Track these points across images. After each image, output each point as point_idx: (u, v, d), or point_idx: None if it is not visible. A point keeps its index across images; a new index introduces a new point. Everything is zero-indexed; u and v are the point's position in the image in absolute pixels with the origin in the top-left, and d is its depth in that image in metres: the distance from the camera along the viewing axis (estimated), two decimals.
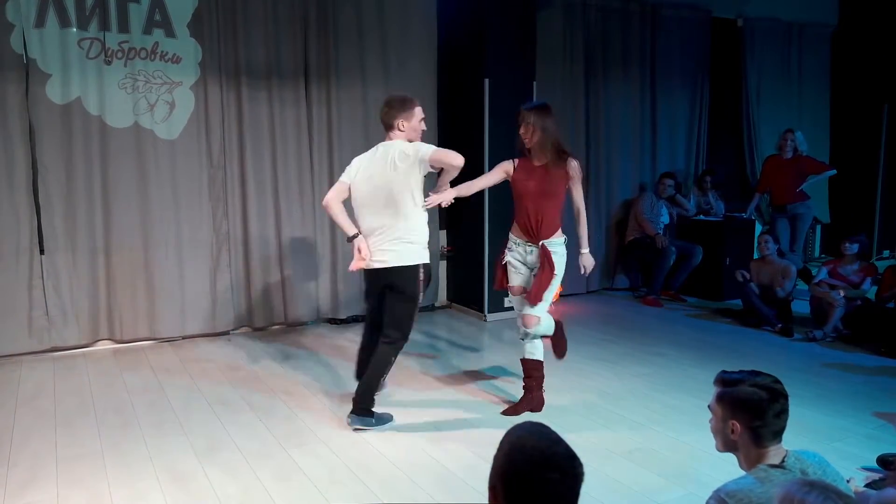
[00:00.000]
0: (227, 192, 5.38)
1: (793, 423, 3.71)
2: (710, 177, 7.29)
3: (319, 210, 5.70)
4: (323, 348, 5.18)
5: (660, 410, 3.93)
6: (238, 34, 5.23)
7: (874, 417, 3.77)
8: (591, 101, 6.85)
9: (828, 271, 5.62)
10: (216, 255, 5.39)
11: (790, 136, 6.84)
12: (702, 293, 6.79)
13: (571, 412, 3.94)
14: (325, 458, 3.34)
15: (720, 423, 1.92)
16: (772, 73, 7.90)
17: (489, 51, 5.74)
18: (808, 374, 4.58)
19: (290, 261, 5.62)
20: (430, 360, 4.88)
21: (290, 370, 4.66)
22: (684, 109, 7.49)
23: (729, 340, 5.41)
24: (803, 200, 6.91)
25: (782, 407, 1.87)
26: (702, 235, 6.83)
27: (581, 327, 5.63)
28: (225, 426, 3.71)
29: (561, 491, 1.34)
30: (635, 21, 7.03)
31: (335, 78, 5.59)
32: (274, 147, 5.47)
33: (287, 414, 3.90)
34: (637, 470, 3.23)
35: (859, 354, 5.02)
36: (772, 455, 1.84)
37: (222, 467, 3.23)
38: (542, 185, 3.70)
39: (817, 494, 1.31)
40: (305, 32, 5.47)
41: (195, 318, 5.34)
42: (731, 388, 1.89)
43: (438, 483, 3.10)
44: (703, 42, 7.48)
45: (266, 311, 5.60)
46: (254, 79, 5.33)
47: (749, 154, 7.93)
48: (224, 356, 4.98)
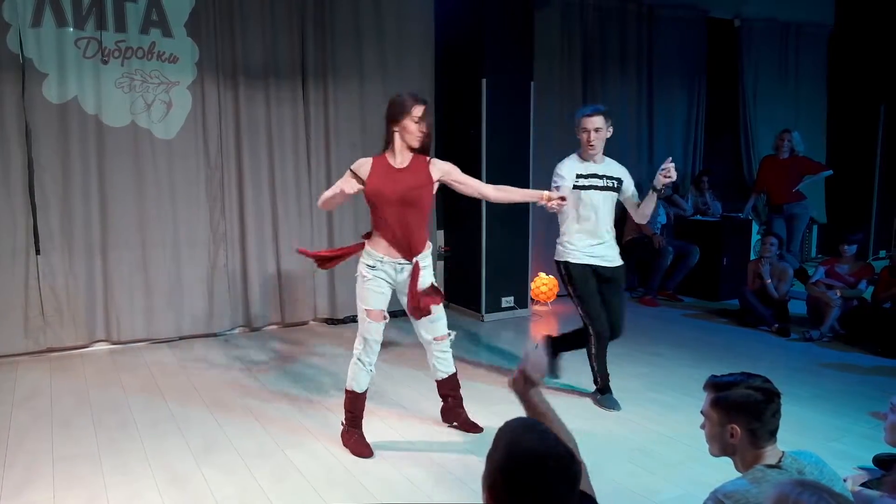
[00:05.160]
0: (225, 191, 5.38)
1: (790, 423, 3.72)
2: (707, 177, 7.30)
3: (317, 209, 5.70)
4: (320, 348, 5.17)
5: (657, 410, 3.93)
6: (235, 33, 5.23)
7: (871, 417, 3.77)
8: (589, 100, 6.83)
9: (825, 271, 5.63)
10: (213, 256, 5.38)
11: (787, 136, 6.85)
12: (699, 293, 6.79)
13: (569, 412, 3.93)
14: (323, 459, 3.34)
15: (717, 427, 1.91)
16: (768, 73, 7.91)
17: (487, 50, 5.74)
18: (805, 374, 4.59)
19: (288, 261, 5.61)
20: (427, 360, 4.87)
21: (287, 370, 4.65)
22: (681, 109, 7.50)
23: (726, 340, 5.42)
24: (800, 200, 6.92)
25: (777, 406, 1.88)
26: (699, 235, 6.84)
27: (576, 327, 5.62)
28: (222, 427, 3.71)
29: (560, 492, 1.33)
30: (632, 21, 7.04)
31: (332, 77, 5.59)
32: (271, 146, 5.46)
33: (283, 414, 3.90)
34: (635, 470, 3.24)
35: (856, 354, 5.03)
36: (768, 455, 1.85)
37: (219, 468, 3.23)
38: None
39: (811, 495, 1.31)
40: (302, 31, 5.46)
41: (192, 318, 5.33)
42: (726, 391, 1.89)
43: (436, 483, 3.10)
44: (699, 42, 7.48)
45: (263, 312, 5.59)
46: (251, 78, 5.32)
47: (746, 154, 7.94)
48: (221, 356, 4.97)
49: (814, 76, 8.29)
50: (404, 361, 4.82)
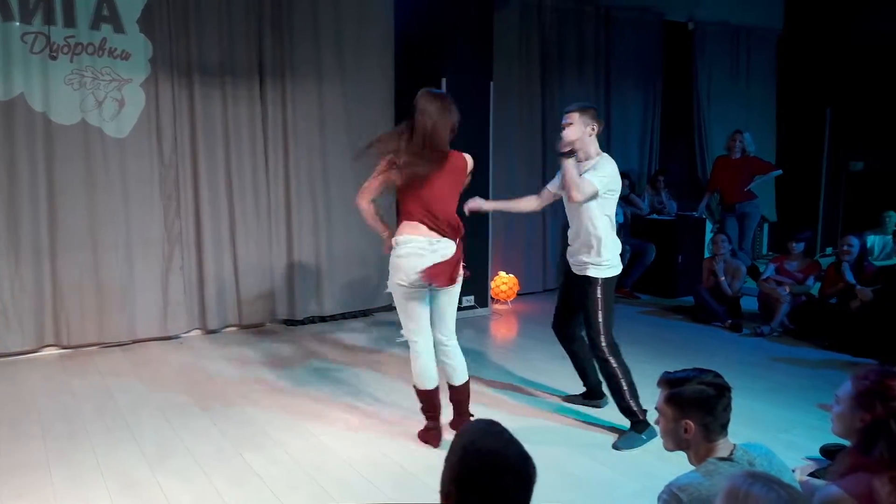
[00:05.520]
0: (180, 191, 5.27)
1: (742, 416, 3.81)
2: (663, 176, 7.44)
3: (275, 209, 5.63)
4: (279, 350, 5.11)
5: (614, 406, 3.98)
6: (190, 30, 5.12)
7: (819, 409, 3.90)
8: (548, 101, 6.92)
9: (775, 268, 5.80)
10: (168, 256, 5.26)
11: (738, 136, 7.03)
12: (655, 290, 6.92)
13: (527, 410, 3.97)
14: (282, 462, 3.30)
15: (671, 423, 1.95)
16: (721, 75, 8.10)
17: (446, 50, 5.75)
18: (757, 368, 4.72)
19: (245, 261, 5.53)
20: (387, 361, 4.86)
21: (244, 373, 4.58)
22: (637, 110, 7.63)
23: (681, 337, 5.54)
24: (751, 199, 7.11)
25: (728, 400, 1.93)
26: (655, 234, 6.97)
27: (538, 326, 5.67)
28: (178, 432, 3.63)
29: (515, 494, 1.35)
30: (590, 23, 7.13)
31: (290, 76, 5.52)
32: (228, 146, 5.37)
33: (242, 417, 3.84)
34: (592, 465, 3.28)
35: (805, 349, 5.19)
36: (721, 448, 1.89)
37: (175, 474, 3.16)
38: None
39: (761, 486, 1.35)
40: (260, 29, 5.38)
41: (146, 320, 5.21)
42: (679, 388, 1.93)
43: (396, 484, 3.10)
44: (655, 44, 7.63)
45: (220, 313, 5.50)
46: (206, 76, 5.22)
47: (700, 154, 8.11)
48: (176, 360, 4.87)
49: (764, 79, 8.52)
50: (368, 364, 4.80)
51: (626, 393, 3.55)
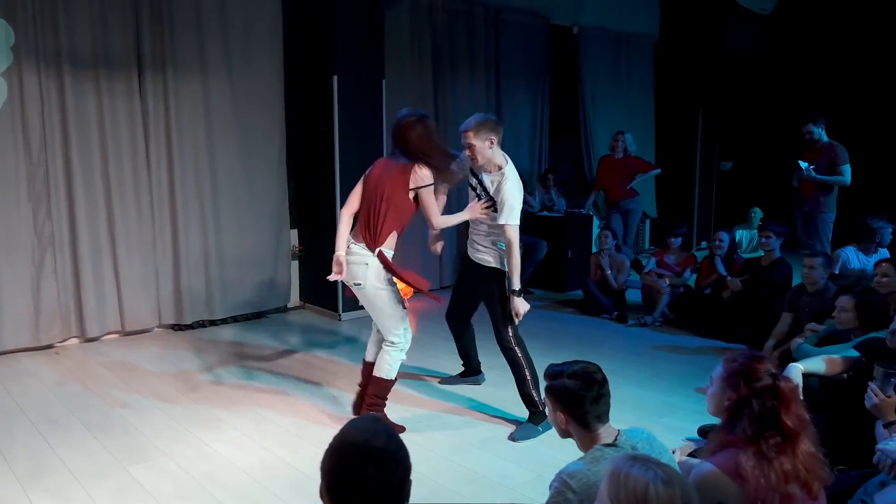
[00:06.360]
0: (51, 190, 4.90)
1: (628, 402, 4.00)
2: (553, 175, 7.70)
3: (159, 208, 5.36)
4: (165, 356, 4.87)
5: (510, 398, 4.08)
6: (58, 17, 4.76)
7: (696, 393, 4.17)
8: (440, 100, 6.98)
9: (655, 262, 6.15)
10: (39, 260, 4.89)
11: (621, 137, 7.38)
12: (546, 285, 7.15)
13: (420, 406, 4.01)
14: (171, 473, 3.15)
15: (552, 415, 2.07)
16: (604, 78, 8.47)
17: (337, 47, 5.66)
18: (641, 357, 4.99)
19: (126, 264, 5.22)
20: (284, 363, 4.75)
21: (127, 381, 4.34)
22: (527, 111, 7.84)
23: (572, 328, 5.76)
24: (633, 197, 7.49)
25: (598, 392, 1.99)
26: (546, 230, 7.19)
27: (432, 322, 5.72)
28: (53, 447, 3.39)
29: (382, 483, 1.36)
30: (480, 24, 7.25)
31: (172, 70, 5.25)
32: (104, 142, 5.05)
33: (126, 429, 3.63)
34: (488, 457, 3.35)
35: (684, 336, 5.53)
36: (604, 436, 1.99)
37: (51, 492, 2.95)
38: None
39: (640, 466, 1.44)
40: (137, 18, 5.09)
41: (15, 330, 4.81)
42: (552, 381, 2.03)
43: (293, 488, 3.04)
44: (543, 47, 7.86)
45: (100, 320, 5.16)
46: (78, 67, 4.88)
47: (586, 154, 8.45)
48: (51, 371, 4.53)
49: (643, 82, 9.00)
50: (261, 369, 4.67)
51: (529, 382, 3.69)
